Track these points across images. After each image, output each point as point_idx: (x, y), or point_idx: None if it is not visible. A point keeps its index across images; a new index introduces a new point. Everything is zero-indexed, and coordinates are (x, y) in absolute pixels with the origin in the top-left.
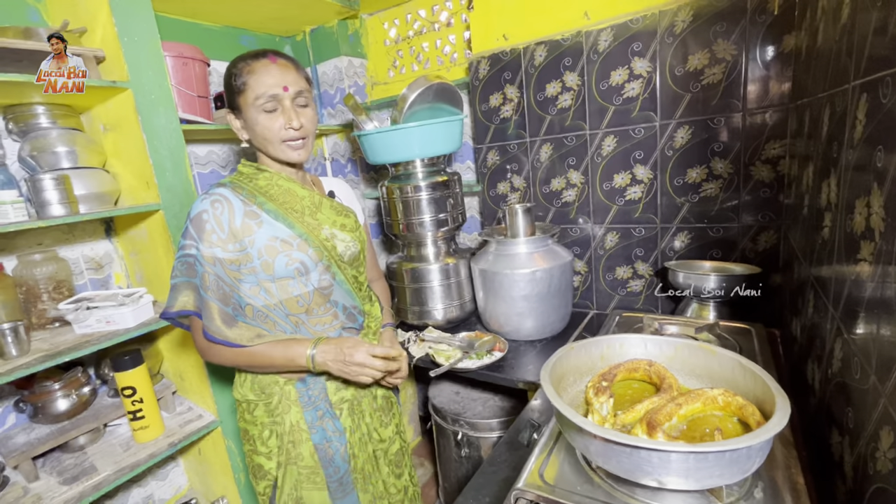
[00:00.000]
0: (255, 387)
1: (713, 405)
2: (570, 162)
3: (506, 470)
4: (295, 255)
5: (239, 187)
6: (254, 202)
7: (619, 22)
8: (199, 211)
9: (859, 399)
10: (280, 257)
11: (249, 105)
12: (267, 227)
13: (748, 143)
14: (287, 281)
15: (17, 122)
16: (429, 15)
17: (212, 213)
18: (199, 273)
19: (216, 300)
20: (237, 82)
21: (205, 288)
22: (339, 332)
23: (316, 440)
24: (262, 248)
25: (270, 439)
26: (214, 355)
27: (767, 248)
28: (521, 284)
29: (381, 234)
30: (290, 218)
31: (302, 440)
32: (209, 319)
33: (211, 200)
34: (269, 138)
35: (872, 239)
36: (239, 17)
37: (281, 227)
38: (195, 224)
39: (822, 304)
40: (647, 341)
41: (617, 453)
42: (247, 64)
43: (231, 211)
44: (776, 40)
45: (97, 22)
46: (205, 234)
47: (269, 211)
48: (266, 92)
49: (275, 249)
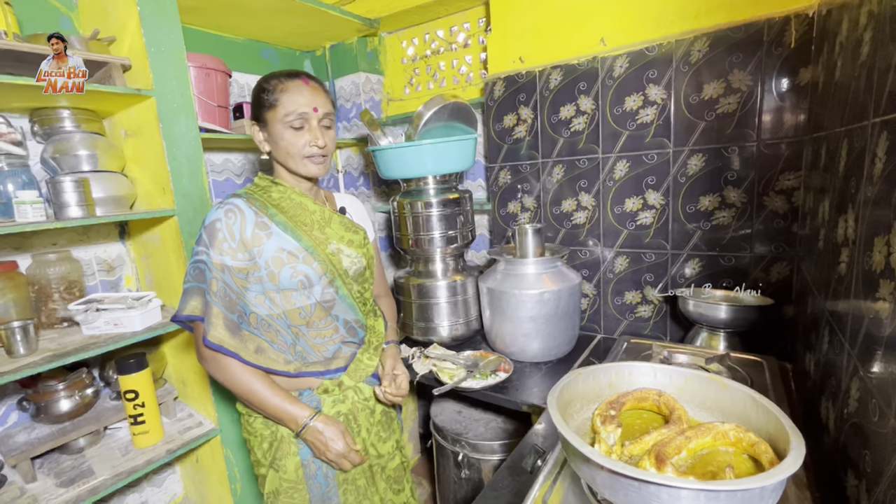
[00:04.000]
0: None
1: (724, 440)
2: (581, 184)
3: (507, 496)
4: (300, 267)
5: (253, 198)
6: (265, 213)
7: (635, 49)
8: (212, 219)
9: (878, 443)
10: (286, 269)
11: (278, 120)
12: (276, 238)
13: (762, 173)
14: (291, 292)
15: (42, 125)
16: (447, 35)
17: (225, 222)
18: (207, 279)
19: (222, 307)
20: (268, 97)
21: (211, 293)
22: (338, 345)
23: (303, 455)
24: (269, 259)
25: (269, 451)
26: (215, 368)
27: (780, 279)
28: (528, 305)
29: (390, 247)
30: (298, 231)
31: (289, 453)
32: (211, 325)
33: (225, 210)
34: (293, 153)
35: (892, 278)
36: (262, 31)
37: (289, 239)
38: (208, 232)
39: (838, 341)
40: (657, 370)
41: (625, 486)
42: (280, 82)
43: (243, 221)
44: (792, 73)
45: (126, 32)
46: (216, 241)
47: (278, 223)
48: (296, 110)
49: (281, 261)
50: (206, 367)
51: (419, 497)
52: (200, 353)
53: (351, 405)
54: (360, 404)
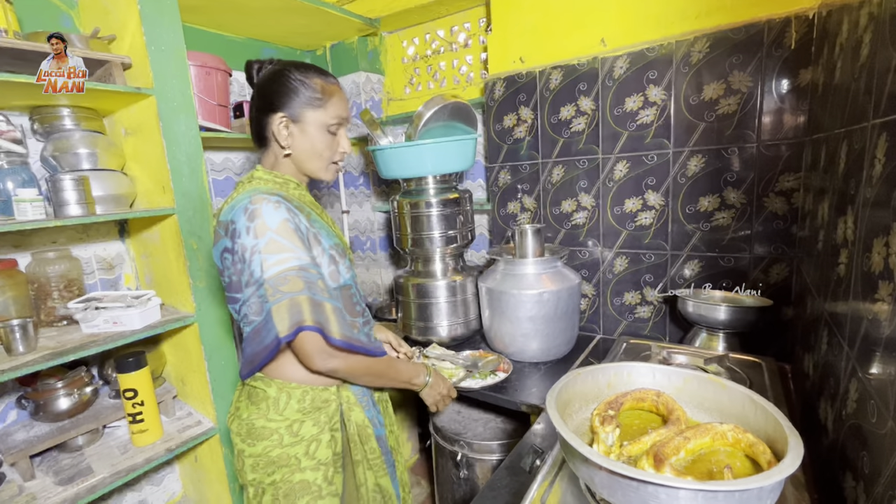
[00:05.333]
0: (304, 404)
1: (722, 441)
2: (581, 185)
3: (506, 496)
4: (346, 261)
5: (286, 198)
6: (302, 212)
7: (636, 50)
8: (281, 219)
9: (876, 444)
10: (341, 265)
11: (320, 122)
12: (323, 240)
13: (762, 174)
14: (347, 285)
15: (42, 123)
16: (447, 35)
17: (293, 220)
18: (310, 281)
19: (330, 300)
20: (313, 95)
21: (319, 291)
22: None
23: (377, 433)
24: (328, 259)
25: (318, 450)
26: (347, 365)
27: (779, 280)
28: (527, 305)
29: (390, 247)
30: (327, 226)
31: (368, 435)
32: (330, 322)
33: (286, 208)
34: (324, 157)
35: (891, 279)
36: (263, 30)
37: (325, 236)
38: (283, 233)
39: (837, 342)
40: (656, 371)
41: (623, 486)
42: (327, 83)
43: (299, 220)
44: (792, 74)
45: (126, 30)
46: (296, 241)
47: (314, 222)
48: (342, 115)
49: (334, 259)
50: (334, 366)
51: (417, 497)
52: (323, 357)
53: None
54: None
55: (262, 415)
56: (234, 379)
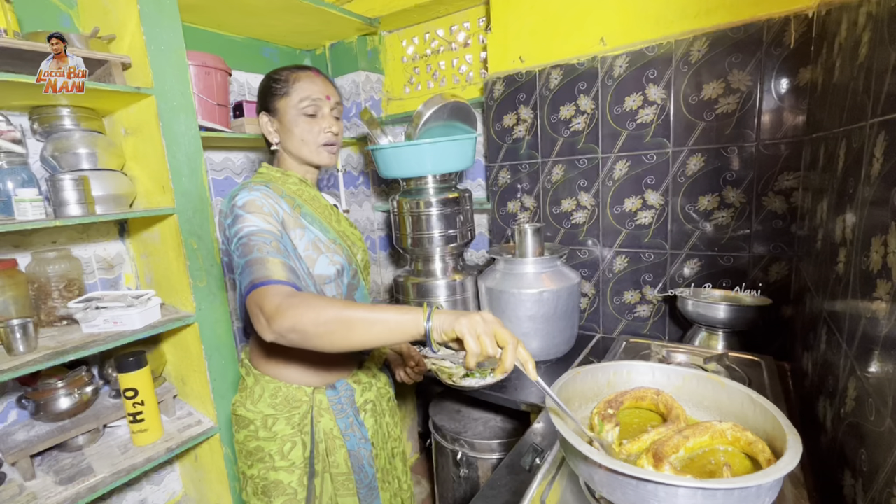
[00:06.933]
0: (276, 400)
1: (721, 439)
2: (581, 184)
3: (506, 494)
4: (336, 257)
5: (275, 187)
6: (291, 204)
7: (635, 49)
8: (249, 198)
9: (874, 442)
10: (323, 257)
11: (291, 107)
12: (308, 231)
13: (761, 173)
14: (325, 278)
15: (42, 123)
16: (447, 35)
17: (263, 199)
18: (259, 244)
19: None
20: (280, 87)
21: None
22: None
23: (349, 446)
24: (307, 243)
25: (293, 451)
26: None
27: (779, 279)
28: (527, 304)
29: (390, 247)
30: (324, 223)
31: (336, 447)
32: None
33: (260, 193)
34: (308, 140)
35: (889, 278)
36: (263, 30)
37: (317, 231)
38: (249, 207)
39: (836, 341)
40: (655, 369)
41: (623, 485)
42: (292, 73)
43: (279, 204)
44: (791, 73)
45: (126, 30)
46: (262, 213)
47: (305, 214)
48: (311, 96)
49: (318, 248)
50: (288, 319)
51: (418, 496)
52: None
53: (377, 392)
54: (382, 390)
55: (242, 403)
56: (235, 378)
